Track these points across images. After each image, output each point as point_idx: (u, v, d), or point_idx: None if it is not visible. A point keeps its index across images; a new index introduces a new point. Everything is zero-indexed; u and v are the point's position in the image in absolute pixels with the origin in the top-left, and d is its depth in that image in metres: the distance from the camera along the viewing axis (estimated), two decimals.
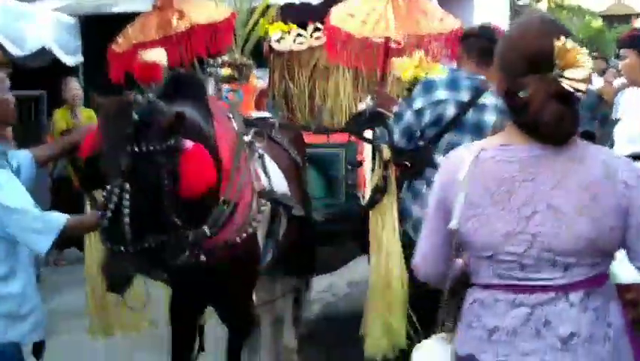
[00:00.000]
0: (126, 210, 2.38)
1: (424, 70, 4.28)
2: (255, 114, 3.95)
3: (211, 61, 3.71)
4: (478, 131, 3.29)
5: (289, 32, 4.53)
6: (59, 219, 2.58)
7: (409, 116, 3.29)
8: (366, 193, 3.57)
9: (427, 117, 3.27)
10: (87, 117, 7.56)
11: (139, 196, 2.41)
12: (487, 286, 1.89)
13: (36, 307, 2.71)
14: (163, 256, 2.60)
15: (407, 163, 3.31)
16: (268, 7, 3.95)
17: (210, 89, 3.44)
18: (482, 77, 3.38)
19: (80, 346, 4.56)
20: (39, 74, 9.47)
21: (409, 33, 3.46)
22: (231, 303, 3.15)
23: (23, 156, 2.86)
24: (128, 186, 2.39)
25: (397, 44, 3.65)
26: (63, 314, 3.61)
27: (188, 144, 2.57)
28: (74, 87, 7.69)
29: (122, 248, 2.40)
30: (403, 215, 3.35)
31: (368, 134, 3.56)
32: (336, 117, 4.50)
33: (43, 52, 9.12)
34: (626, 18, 23.64)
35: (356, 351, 3.41)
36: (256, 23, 4.28)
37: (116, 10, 10.59)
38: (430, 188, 3.08)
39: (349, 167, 3.88)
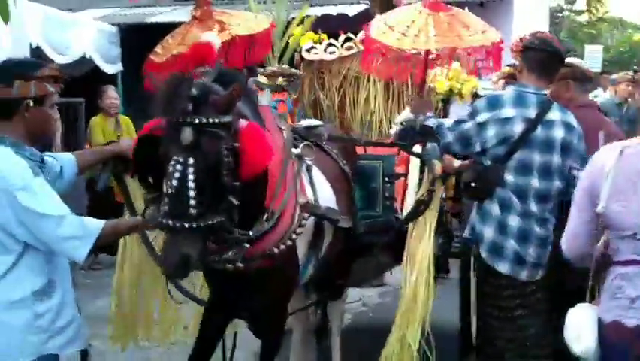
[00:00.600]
0: (191, 184, 2.36)
1: (460, 82, 4.26)
2: (305, 123, 3.95)
3: (261, 70, 3.73)
4: (548, 147, 3.22)
5: (320, 42, 4.55)
6: (96, 224, 2.56)
7: (470, 125, 3.21)
8: (405, 206, 3.53)
9: (490, 133, 3.18)
10: (126, 125, 7.64)
11: (202, 171, 2.39)
12: (627, 263, 2.36)
13: (74, 318, 2.68)
14: (212, 249, 2.59)
15: (474, 184, 3.25)
16: (305, 17, 3.92)
17: (265, 99, 3.42)
18: (546, 92, 3.31)
19: (115, 352, 4.62)
20: (78, 81, 9.64)
21: (450, 46, 3.40)
22: (264, 314, 3.12)
23: (67, 160, 2.87)
24: (191, 159, 2.38)
25: (437, 57, 3.61)
26: (96, 320, 3.61)
27: (243, 122, 2.59)
28: (112, 96, 7.79)
29: (186, 224, 2.36)
30: (474, 238, 3.29)
31: (417, 148, 3.50)
32: (366, 128, 4.50)
33: (84, 60, 9.28)
34: None
35: None
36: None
37: (155, 20, 10.79)
38: (503, 209, 3.15)
39: (386, 179, 3.84)
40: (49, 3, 9.04)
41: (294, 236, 2.93)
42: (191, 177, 2.37)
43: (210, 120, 2.43)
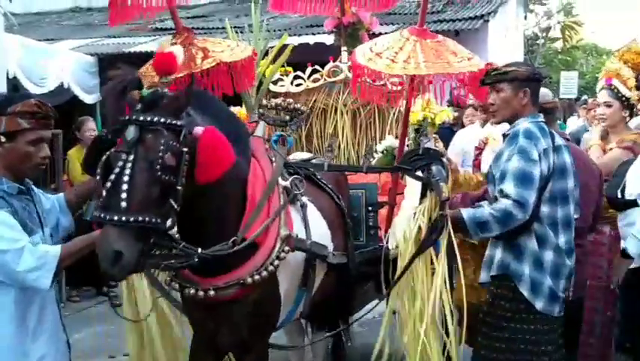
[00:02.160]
0: (126, 178, 2.35)
1: (433, 112, 4.26)
2: (298, 156, 3.92)
3: (264, 101, 3.68)
4: (563, 173, 3.17)
5: (287, 74, 4.55)
6: (54, 251, 2.54)
7: (537, 169, 3.05)
8: (396, 233, 3.44)
9: (543, 166, 3.10)
10: None
11: (140, 167, 2.38)
12: None
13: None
14: (149, 250, 2.51)
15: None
16: (284, 46, 3.90)
17: (259, 131, 3.37)
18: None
19: None
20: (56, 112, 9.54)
21: (440, 72, 3.38)
22: (243, 348, 3.03)
23: (58, 203, 2.89)
24: (131, 156, 2.39)
25: (429, 82, 3.59)
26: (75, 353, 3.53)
27: (201, 128, 2.56)
28: (90, 127, 7.68)
29: (116, 217, 2.32)
30: (506, 274, 3.15)
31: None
32: (336, 159, 4.47)
33: (62, 90, 9.20)
34: None
35: None
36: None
37: (133, 50, 10.73)
38: (540, 244, 3.04)
39: (369, 208, 3.78)
40: (26, 34, 8.98)
41: (270, 268, 2.86)
42: (127, 171, 2.37)
43: (155, 119, 2.45)
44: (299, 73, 4.54)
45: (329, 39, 5.14)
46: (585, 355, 4.12)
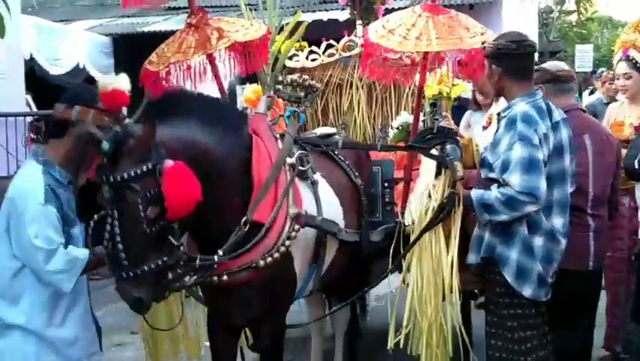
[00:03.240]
0: (118, 238, 2.40)
1: (448, 85, 4.24)
2: (319, 131, 3.88)
3: (280, 78, 3.68)
4: (560, 152, 3.04)
5: (302, 50, 4.51)
6: (82, 259, 2.61)
7: (541, 154, 2.93)
8: (411, 210, 3.46)
9: (545, 151, 2.98)
10: None
11: (126, 224, 2.42)
12: None
13: (90, 344, 2.79)
14: (166, 281, 2.60)
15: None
16: (299, 23, 3.90)
17: (261, 107, 3.36)
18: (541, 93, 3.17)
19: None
20: None
21: (452, 48, 3.35)
22: (259, 326, 3.08)
23: None
24: (116, 214, 2.42)
25: (440, 60, 3.59)
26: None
27: (168, 163, 2.51)
28: None
29: (124, 274, 2.42)
30: (491, 257, 3.06)
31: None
32: (353, 134, 4.46)
33: (77, 70, 9.29)
34: None
35: None
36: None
37: (147, 29, 10.77)
38: (531, 229, 2.93)
39: (385, 184, 3.80)
40: (41, 15, 9.05)
41: (282, 248, 2.84)
42: (117, 230, 2.41)
43: (125, 176, 2.42)
44: (314, 48, 4.50)
45: (342, 15, 5.11)
46: (611, 324, 4.16)
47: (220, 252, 2.75)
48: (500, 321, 3.10)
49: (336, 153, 3.52)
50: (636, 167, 3.54)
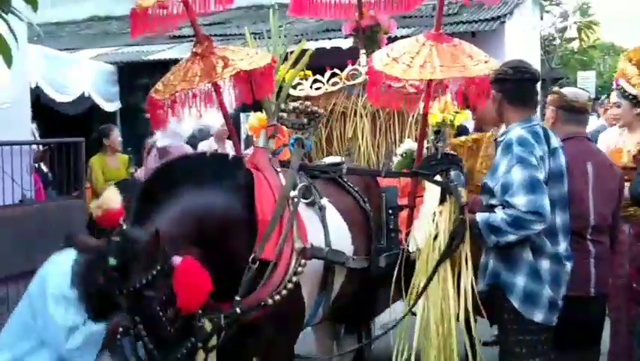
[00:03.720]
0: (146, 340, 2.49)
1: (451, 113, 4.27)
2: (329, 160, 3.92)
3: (282, 105, 3.72)
4: (559, 178, 3.10)
5: (306, 78, 4.55)
6: (99, 329, 2.67)
7: (540, 175, 2.99)
8: (416, 237, 3.46)
9: (543, 172, 3.05)
10: (122, 162, 7.62)
11: (151, 326, 2.49)
12: None
13: None
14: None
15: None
16: (304, 51, 3.94)
17: (261, 141, 3.42)
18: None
19: None
20: (78, 120, 9.68)
21: (456, 76, 3.41)
22: (269, 356, 3.09)
23: None
24: (137, 318, 2.48)
25: (444, 87, 3.62)
26: None
27: (177, 260, 2.57)
28: (117, 134, 7.77)
29: None
30: (497, 283, 3.10)
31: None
32: (357, 161, 4.46)
33: (83, 98, 9.35)
34: None
35: None
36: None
37: (152, 57, 10.86)
38: (535, 253, 2.97)
39: (389, 211, 3.82)
40: (46, 44, 9.12)
41: (289, 285, 2.88)
42: (143, 333, 2.49)
43: (138, 285, 2.47)
44: (318, 77, 4.56)
45: (345, 43, 5.15)
46: (613, 353, 4.13)
47: (237, 297, 2.79)
48: (508, 348, 3.10)
49: (344, 179, 3.53)
50: None
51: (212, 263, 2.65)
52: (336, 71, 4.61)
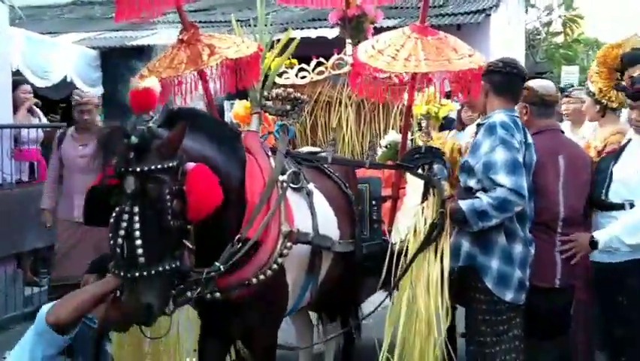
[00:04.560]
0: (137, 233, 2.38)
1: (436, 105, 4.30)
2: (306, 149, 3.94)
3: (265, 93, 3.70)
4: (529, 170, 3.26)
5: (292, 67, 4.56)
6: (40, 313, 2.55)
7: (520, 158, 3.18)
8: (399, 229, 3.48)
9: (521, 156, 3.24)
10: None
11: (148, 218, 2.40)
12: None
13: None
14: (175, 289, 2.59)
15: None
16: (290, 40, 3.92)
17: (254, 125, 3.44)
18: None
19: None
20: (59, 105, 9.59)
21: (440, 70, 3.44)
22: (253, 340, 3.11)
23: None
24: (136, 208, 2.39)
25: (428, 80, 3.64)
26: None
27: (191, 165, 2.56)
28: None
29: (137, 273, 2.38)
30: (472, 266, 3.25)
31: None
32: (341, 151, 4.49)
33: (64, 83, 9.23)
34: None
35: None
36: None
37: (135, 43, 10.75)
38: (509, 238, 3.13)
39: (373, 202, 3.83)
40: (28, 27, 9.00)
41: (274, 266, 2.90)
42: (137, 225, 2.38)
43: (152, 167, 2.43)
44: (304, 65, 4.56)
45: (331, 33, 5.15)
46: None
47: (217, 263, 2.75)
48: (475, 327, 3.27)
49: (325, 166, 3.56)
50: (603, 198, 3.56)
51: (201, 226, 2.61)
52: (322, 60, 4.62)
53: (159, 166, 2.43)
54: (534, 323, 3.37)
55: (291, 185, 3.15)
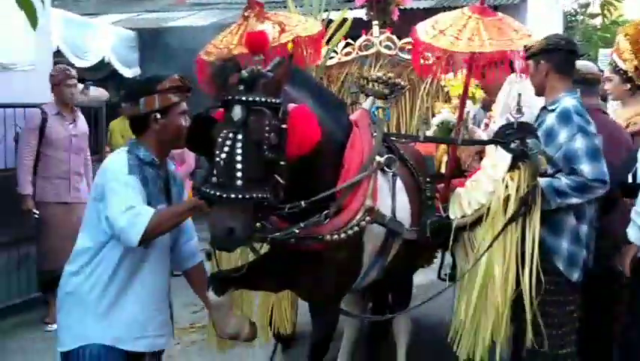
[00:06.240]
0: (239, 157, 2.45)
1: (473, 86, 4.25)
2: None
3: (365, 74, 3.67)
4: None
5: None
6: (146, 213, 2.65)
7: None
8: (462, 203, 3.42)
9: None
10: None
11: (248, 147, 2.47)
12: None
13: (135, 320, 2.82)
14: (258, 225, 2.65)
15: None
16: (345, 20, 3.90)
17: (367, 104, 3.44)
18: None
19: None
20: (98, 85, 9.64)
21: (503, 49, 3.41)
22: (316, 295, 3.17)
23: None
24: (240, 135, 2.47)
25: (489, 60, 3.58)
26: None
27: (293, 105, 2.66)
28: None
29: (233, 195, 2.43)
30: (540, 249, 3.17)
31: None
32: None
33: (102, 63, 9.29)
34: None
35: None
36: (330, 37, 4.27)
37: (172, 24, 10.76)
38: (578, 218, 3.14)
39: (427, 179, 3.77)
40: (67, 8, 9.06)
41: (349, 232, 2.96)
42: (239, 150, 2.46)
43: (258, 99, 2.52)
44: (349, 41, 4.58)
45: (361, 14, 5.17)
46: None
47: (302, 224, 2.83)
48: (541, 308, 3.19)
49: (401, 152, 3.55)
50: (630, 181, 3.49)
51: (295, 174, 2.69)
52: (350, 41, 4.64)
53: (264, 99, 2.53)
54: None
55: (386, 168, 3.22)
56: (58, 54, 8.09)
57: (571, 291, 3.28)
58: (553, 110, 3.25)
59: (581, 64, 3.66)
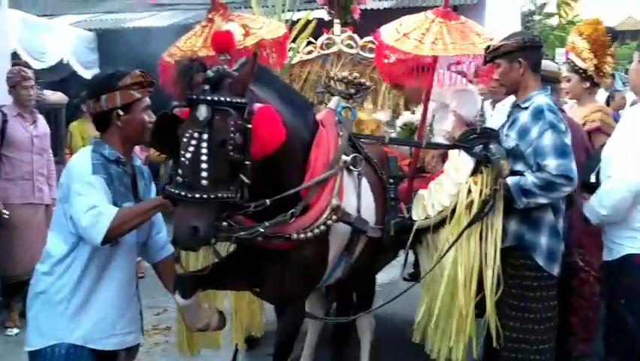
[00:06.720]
0: (203, 157, 2.45)
1: None
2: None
3: (331, 74, 3.65)
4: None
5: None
6: (108, 212, 2.64)
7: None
8: (425, 206, 3.45)
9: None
10: None
11: (213, 146, 2.47)
12: None
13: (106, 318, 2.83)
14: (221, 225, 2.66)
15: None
16: (309, 21, 3.90)
17: (333, 103, 3.46)
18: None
19: None
20: (56, 86, 9.47)
21: (466, 53, 3.45)
22: (281, 296, 3.18)
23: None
24: (205, 135, 2.47)
25: (457, 64, 3.63)
26: None
27: (258, 105, 2.65)
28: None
29: (197, 195, 2.44)
30: (520, 245, 3.25)
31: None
32: None
33: (61, 65, 9.13)
34: (638, 33, 23.63)
35: None
36: (295, 38, 4.27)
37: (132, 25, 10.64)
38: (556, 214, 3.16)
39: (390, 180, 3.76)
40: (24, 9, 8.88)
41: (315, 230, 2.98)
42: (204, 150, 2.46)
43: (223, 99, 2.53)
44: (292, 45, 4.56)
45: (322, 14, 5.19)
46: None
47: (266, 223, 2.82)
48: (527, 304, 3.25)
49: (365, 150, 3.57)
50: (593, 180, 3.50)
51: (259, 175, 2.69)
52: (311, 40, 4.66)
53: (229, 99, 2.54)
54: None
55: (350, 167, 3.23)
56: (15, 56, 7.95)
57: (552, 286, 3.29)
58: (526, 108, 3.26)
59: (543, 63, 3.70)
